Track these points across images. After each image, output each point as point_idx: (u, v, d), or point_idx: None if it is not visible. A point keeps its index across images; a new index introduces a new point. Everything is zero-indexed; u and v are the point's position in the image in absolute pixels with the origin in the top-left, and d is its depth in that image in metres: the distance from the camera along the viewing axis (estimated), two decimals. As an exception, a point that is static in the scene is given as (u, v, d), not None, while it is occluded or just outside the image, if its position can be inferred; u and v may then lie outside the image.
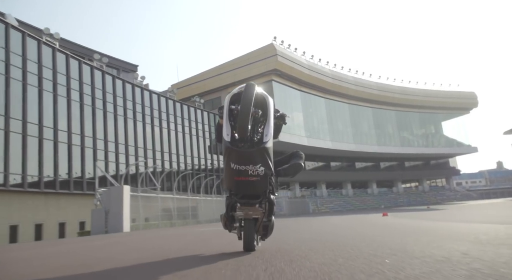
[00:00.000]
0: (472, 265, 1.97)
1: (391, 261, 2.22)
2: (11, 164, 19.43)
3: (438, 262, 2.12)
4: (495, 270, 1.81)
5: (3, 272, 3.25)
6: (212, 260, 2.75)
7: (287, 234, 5.70)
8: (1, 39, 19.96)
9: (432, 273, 1.78)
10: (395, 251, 2.76)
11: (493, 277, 1.65)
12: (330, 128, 50.79)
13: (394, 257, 2.43)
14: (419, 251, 2.71)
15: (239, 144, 2.91)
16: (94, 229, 13.29)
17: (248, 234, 3.12)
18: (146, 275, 2.31)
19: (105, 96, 26.72)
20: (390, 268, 1.96)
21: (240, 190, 3.04)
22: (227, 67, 43.20)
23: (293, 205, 37.78)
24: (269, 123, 2.98)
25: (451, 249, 2.76)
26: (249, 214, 3.05)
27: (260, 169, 2.87)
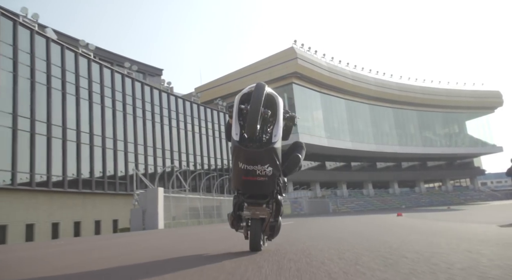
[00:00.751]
0: (420, 254, 3.18)
1: (350, 254, 3.23)
2: (53, 166, 21.45)
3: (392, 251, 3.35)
4: (427, 258, 3.00)
5: (74, 260, 4.61)
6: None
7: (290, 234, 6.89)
8: (42, 52, 22.00)
9: (373, 259, 3.01)
10: (367, 244, 3.96)
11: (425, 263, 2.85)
12: (350, 129, 51.52)
13: (354, 249, 3.56)
14: (394, 245, 3.90)
15: (247, 144, 2.93)
16: (133, 226, 14.95)
17: (254, 233, 3.14)
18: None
19: (135, 102, 28.60)
20: (348, 257, 3.20)
21: (247, 189, 3.08)
22: (248, 70, 44.65)
23: (313, 205, 38.91)
24: (278, 124, 3.01)
25: (427, 242, 3.94)
26: (256, 214, 3.09)
27: (268, 169, 2.91)
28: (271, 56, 44.81)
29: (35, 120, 20.61)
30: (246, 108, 2.93)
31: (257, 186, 2.97)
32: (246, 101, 3.00)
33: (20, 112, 19.85)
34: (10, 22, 20.27)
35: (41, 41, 22.01)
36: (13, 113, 19.54)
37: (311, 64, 44.91)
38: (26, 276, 2.72)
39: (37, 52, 21.38)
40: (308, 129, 44.78)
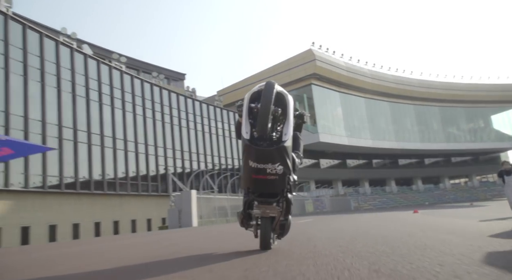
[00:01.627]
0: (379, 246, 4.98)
1: (345, 242, 5.14)
2: (93, 170, 23.97)
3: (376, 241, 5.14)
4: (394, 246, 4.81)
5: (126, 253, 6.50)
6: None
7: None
8: (81, 67, 24.54)
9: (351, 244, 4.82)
10: (354, 237, 5.77)
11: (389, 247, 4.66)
12: (370, 127, 52.52)
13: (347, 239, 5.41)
14: (379, 237, 5.69)
15: (258, 142, 2.94)
16: (171, 224, 17.13)
17: (264, 232, 3.17)
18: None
19: (163, 108, 30.97)
20: (344, 244, 5.01)
21: (258, 188, 3.10)
22: (268, 73, 46.45)
23: (334, 202, 40.43)
24: (288, 122, 3.02)
25: (409, 234, 5.72)
26: (267, 212, 3.11)
27: (278, 168, 2.92)
28: (290, 58, 46.46)
29: (77, 130, 23.16)
30: (256, 107, 2.98)
31: (268, 185, 3.00)
32: (256, 100, 3.04)
33: (65, 123, 22.41)
34: (52, 42, 22.84)
35: (80, 57, 24.55)
36: (58, 124, 22.11)
37: (329, 64, 46.28)
38: (137, 259, 4.64)
39: (76, 68, 23.92)
40: (328, 128, 46.21)
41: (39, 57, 21.55)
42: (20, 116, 20.04)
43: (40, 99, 21.20)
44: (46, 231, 20.96)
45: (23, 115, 20.17)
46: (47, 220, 20.97)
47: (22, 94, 20.28)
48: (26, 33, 21.02)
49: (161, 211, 27.32)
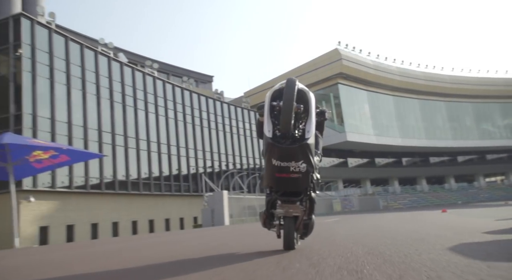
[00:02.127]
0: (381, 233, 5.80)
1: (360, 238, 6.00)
2: (130, 171, 25.59)
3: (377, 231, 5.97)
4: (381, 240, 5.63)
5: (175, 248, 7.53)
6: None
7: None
8: (118, 74, 26.20)
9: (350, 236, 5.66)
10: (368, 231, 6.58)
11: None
12: (399, 125, 52.22)
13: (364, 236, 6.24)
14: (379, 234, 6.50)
15: (281, 141, 2.93)
16: (205, 223, 18.35)
17: (288, 232, 3.15)
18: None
19: (193, 111, 32.40)
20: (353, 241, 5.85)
21: (281, 187, 3.09)
22: (294, 73, 47.03)
23: (363, 202, 40.70)
24: (311, 119, 3.01)
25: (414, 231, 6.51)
26: (290, 212, 3.09)
27: (302, 166, 2.91)
28: (316, 58, 46.98)
29: (115, 134, 24.82)
30: (278, 105, 2.96)
31: (291, 183, 3.00)
32: (278, 98, 3.02)
33: (104, 128, 24.10)
34: (91, 52, 24.57)
35: (116, 65, 26.22)
36: (98, 129, 23.82)
37: (356, 63, 46.47)
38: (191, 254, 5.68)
39: (113, 75, 25.60)
40: (356, 127, 46.42)
41: (80, 67, 23.30)
42: (64, 122, 21.82)
43: (81, 106, 22.94)
44: (89, 229, 22.71)
45: (66, 121, 21.94)
46: (89, 219, 22.71)
47: (65, 102, 22.05)
48: (68, 44, 22.79)
49: (193, 210, 28.77)
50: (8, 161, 9.79)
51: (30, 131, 19.69)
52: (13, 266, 4.43)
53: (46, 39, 21.58)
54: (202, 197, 27.10)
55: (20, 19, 20.45)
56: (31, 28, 20.80)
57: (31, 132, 19.68)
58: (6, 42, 20.35)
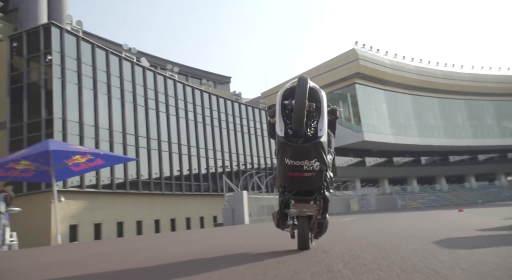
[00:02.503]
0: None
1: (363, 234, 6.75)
2: (152, 172, 26.75)
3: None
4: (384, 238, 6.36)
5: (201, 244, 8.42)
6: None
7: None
8: (140, 79, 27.38)
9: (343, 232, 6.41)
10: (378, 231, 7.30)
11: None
12: (417, 124, 52.14)
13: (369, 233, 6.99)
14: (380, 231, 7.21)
15: (293, 139, 2.94)
16: (225, 221, 19.30)
17: (302, 232, 3.14)
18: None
19: (212, 113, 33.45)
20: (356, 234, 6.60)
21: (294, 186, 3.08)
22: (311, 74, 47.59)
23: (380, 201, 41.03)
24: (323, 117, 3.02)
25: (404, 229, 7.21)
26: (304, 211, 3.07)
27: (315, 164, 2.90)
28: (332, 58, 47.40)
29: (138, 136, 26.01)
30: (290, 103, 2.97)
31: (305, 182, 3.00)
32: (289, 97, 3.03)
33: (128, 131, 25.31)
34: (116, 58, 25.80)
35: (139, 70, 27.41)
36: (122, 132, 25.02)
37: (373, 63, 46.68)
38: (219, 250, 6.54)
39: (136, 80, 26.79)
40: (373, 127, 46.67)
41: (105, 72, 24.54)
42: (91, 125, 23.08)
43: (107, 110, 24.17)
44: (115, 227, 23.95)
45: (93, 124, 23.19)
46: (115, 218, 23.94)
47: (92, 106, 23.31)
48: (94, 51, 24.05)
49: (212, 209, 29.80)
50: (50, 165, 10.88)
51: (60, 134, 20.97)
52: (87, 256, 5.39)
53: (74, 46, 22.86)
54: (220, 196, 28.24)
55: (50, 28, 21.76)
56: (60, 36, 22.11)
57: (61, 136, 20.96)
58: (38, 50, 21.71)
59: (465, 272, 1.94)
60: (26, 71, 21.76)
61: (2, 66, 22.01)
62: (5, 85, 21.73)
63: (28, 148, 11.87)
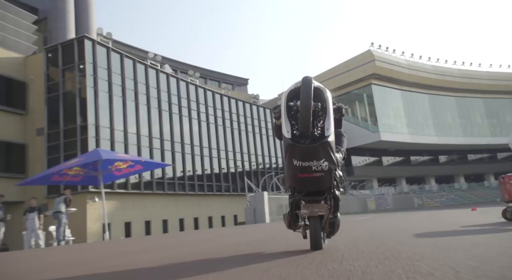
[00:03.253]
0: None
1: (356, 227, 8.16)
2: (176, 173, 28.53)
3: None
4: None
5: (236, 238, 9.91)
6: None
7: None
8: (164, 85, 29.17)
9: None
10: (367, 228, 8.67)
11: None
12: (435, 123, 52.70)
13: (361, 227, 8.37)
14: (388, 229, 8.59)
15: (300, 140, 2.96)
16: (247, 220, 20.88)
17: (314, 232, 3.18)
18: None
19: (231, 116, 35.10)
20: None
21: (304, 187, 3.11)
22: (327, 75, 48.75)
23: (397, 200, 41.97)
24: (329, 117, 3.04)
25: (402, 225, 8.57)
26: (315, 211, 3.11)
27: (324, 164, 2.93)
28: (349, 60, 48.41)
29: (163, 139, 27.82)
30: (295, 104, 2.99)
31: (314, 183, 3.02)
32: (294, 98, 3.05)
33: (153, 135, 27.12)
34: (142, 66, 27.63)
35: (163, 76, 29.20)
36: (148, 136, 26.83)
37: (389, 64, 47.50)
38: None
39: (161, 86, 28.59)
40: (389, 127, 47.51)
41: (132, 80, 26.37)
42: (121, 130, 24.93)
43: (134, 116, 26.01)
44: (143, 225, 25.80)
45: (122, 129, 25.05)
46: (143, 217, 25.79)
47: (121, 112, 25.16)
48: (123, 60, 25.90)
49: (233, 208, 31.45)
50: (98, 171, 12.61)
51: (93, 139, 22.87)
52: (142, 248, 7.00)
53: (104, 57, 24.74)
54: (240, 196, 29.95)
55: (84, 40, 23.68)
56: (93, 47, 24.00)
57: (94, 141, 22.86)
58: (72, 61, 23.65)
59: (409, 247, 3.36)
60: (61, 81, 23.71)
61: (39, 77, 24.06)
62: (42, 94, 23.76)
63: (81, 156, 13.63)
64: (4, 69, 23.46)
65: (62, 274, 3.37)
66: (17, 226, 15.29)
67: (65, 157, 22.54)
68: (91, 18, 36.64)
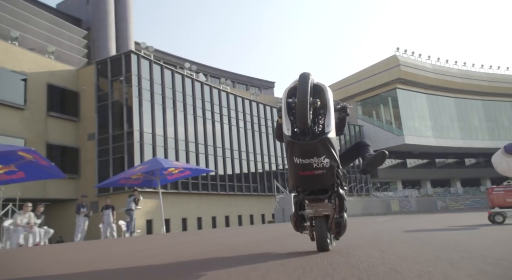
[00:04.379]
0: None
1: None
2: (209, 175, 31.31)
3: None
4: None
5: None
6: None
7: None
8: (198, 93, 31.98)
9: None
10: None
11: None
12: (461, 126, 53.73)
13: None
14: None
15: (300, 137, 2.97)
16: (277, 219, 23.49)
17: (320, 233, 3.17)
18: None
19: (259, 120, 37.67)
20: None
21: (306, 185, 3.13)
22: (353, 79, 50.68)
23: (420, 202, 43.63)
24: (329, 113, 3.03)
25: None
26: (319, 211, 3.12)
27: (325, 161, 2.92)
28: (374, 64, 50.13)
29: (198, 143, 30.63)
30: (294, 101, 2.97)
31: (316, 180, 3.02)
32: (294, 95, 3.02)
33: (190, 139, 29.96)
34: (179, 75, 30.50)
35: (198, 85, 32.03)
36: (185, 140, 29.68)
37: (414, 68, 48.96)
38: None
39: (196, 94, 31.42)
40: (414, 130, 49.00)
41: (171, 89, 29.26)
42: (161, 135, 27.85)
43: (173, 122, 28.89)
44: (180, 222, 28.71)
45: (162, 134, 27.96)
46: (180, 214, 28.69)
47: (161, 119, 28.06)
48: (163, 71, 28.80)
49: (261, 208, 34.09)
50: (157, 176, 15.39)
51: (138, 144, 25.83)
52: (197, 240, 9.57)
53: (147, 69, 27.67)
54: (267, 196, 32.62)
55: (130, 55, 26.68)
56: (137, 61, 26.97)
57: (139, 146, 25.82)
58: (120, 74, 26.69)
59: (390, 238, 5.73)
60: (110, 91, 26.79)
61: (90, 87, 27.24)
62: (93, 103, 26.92)
63: (144, 164, 16.46)
64: (60, 80, 26.73)
65: (151, 256, 5.21)
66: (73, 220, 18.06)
67: (113, 159, 25.68)
68: (129, 27, 39.83)
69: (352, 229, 7.78)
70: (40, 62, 25.74)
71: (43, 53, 27.52)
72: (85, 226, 13.44)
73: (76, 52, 31.78)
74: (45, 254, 6.98)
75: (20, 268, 4.47)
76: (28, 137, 23.68)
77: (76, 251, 7.24)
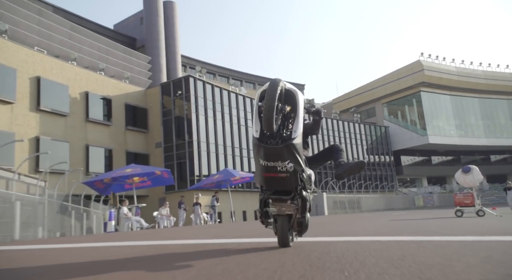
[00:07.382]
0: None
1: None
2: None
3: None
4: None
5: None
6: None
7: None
8: (241, 105, 39.36)
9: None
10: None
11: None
12: (485, 125, 58.91)
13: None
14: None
15: (267, 141, 3.18)
16: (311, 213, 30.66)
17: (281, 230, 3.51)
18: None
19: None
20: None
21: (270, 186, 3.43)
22: (378, 83, 56.75)
23: (442, 198, 49.88)
24: (298, 119, 3.25)
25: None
26: (282, 210, 3.42)
27: (289, 165, 3.15)
28: (399, 69, 56.07)
29: (242, 148, 38.11)
30: (262, 105, 3.18)
31: (279, 182, 3.28)
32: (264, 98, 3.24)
33: (235, 145, 37.48)
34: (226, 91, 37.97)
35: (240, 98, 39.45)
36: (231, 146, 37.19)
37: (438, 72, 54.58)
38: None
39: (239, 106, 38.86)
40: (438, 129, 54.77)
41: (220, 104, 36.80)
42: (213, 143, 35.48)
43: (221, 131, 36.45)
44: (229, 215, 36.42)
45: (214, 142, 35.57)
46: (229, 208, 36.33)
47: (213, 130, 35.62)
48: (214, 89, 36.35)
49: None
50: (227, 181, 22.88)
51: (196, 151, 33.56)
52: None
53: (201, 88, 35.29)
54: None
55: (189, 78, 34.37)
56: (194, 83, 34.59)
57: (197, 153, 33.54)
58: (181, 94, 34.42)
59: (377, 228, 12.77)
60: (173, 108, 34.60)
61: (156, 105, 35.17)
62: (159, 118, 34.86)
63: (219, 173, 24.01)
64: (132, 99, 34.74)
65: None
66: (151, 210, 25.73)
67: (177, 164, 33.52)
68: (177, 43, 47.48)
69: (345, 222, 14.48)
70: (119, 86, 33.81)
71: (120, 78, 35.56)
72: (184, 216, 21.09)
73: (143, 75, 39.79)
74: (179, 232, 14.42)
75: (186, 235, 11.87)
76: (114, 147, 31.87)
77: (189, 230, 14.67)
